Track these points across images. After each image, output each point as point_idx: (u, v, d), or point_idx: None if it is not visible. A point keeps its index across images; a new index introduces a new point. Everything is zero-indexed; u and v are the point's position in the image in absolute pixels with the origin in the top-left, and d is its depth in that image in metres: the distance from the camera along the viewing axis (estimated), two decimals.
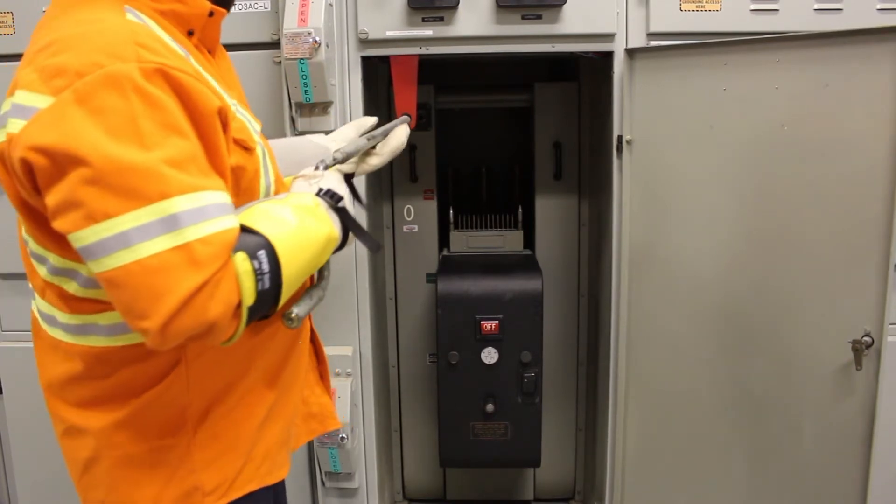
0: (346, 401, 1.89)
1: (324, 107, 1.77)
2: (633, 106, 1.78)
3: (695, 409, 1.78)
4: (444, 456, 2.08)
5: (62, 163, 0.81)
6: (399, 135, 1.31)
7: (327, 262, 1.05)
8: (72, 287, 0.95)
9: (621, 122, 1.80)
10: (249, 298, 0.85)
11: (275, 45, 1.76)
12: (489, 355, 1.98)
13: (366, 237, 1.10)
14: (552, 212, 2.29)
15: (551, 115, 2.24)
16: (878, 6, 1.72)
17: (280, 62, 1.73)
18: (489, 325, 1.96)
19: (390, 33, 1.78)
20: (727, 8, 1.73)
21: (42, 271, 0.97)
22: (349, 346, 1.93)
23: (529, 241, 2.27)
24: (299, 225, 0.94)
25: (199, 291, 0.81)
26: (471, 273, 2.02)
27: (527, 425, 2.02)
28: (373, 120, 1.38)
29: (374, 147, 1.32)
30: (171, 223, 0.81)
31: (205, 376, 1.00)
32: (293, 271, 0.91)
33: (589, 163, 2.25)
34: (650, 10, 1.75)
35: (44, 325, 1.05)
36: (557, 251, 2.30)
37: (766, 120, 1.58)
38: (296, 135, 1.74)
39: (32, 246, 0.97)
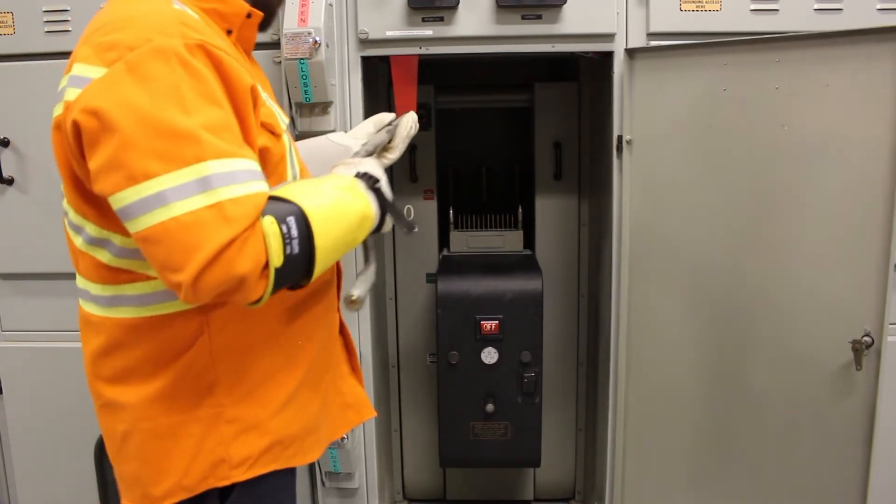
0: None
1: (324, 107, 1.77)
2: (633, 106, 1.78)
3: (695, 410, 1.78)
4: (444, 456, 2.08)
5: (109, 124, 0.88)
6: (405, 122, 1.30)
7: (375, 247, 1.15)
8: (105, 257, 1.00)
9: (621, 122, 1.80)
10: (277, 260, 0.90)
11: (275, 45, 1.76)
12: (489, 355, 1.98)
13: (401, 218, 1.15)
14: (552, 212, 2.28)
15: (551, 115, 2.24)
16: (878, 6, 1.72)
17: (280, 62, 1.73)
18: (489, 325, 1.96)
19: (390, 33, 1.78)
20: (727, 8, 1.73)
21: (78, 241, 1.02)
22: None
23: (529, 241, 2.27)
24: (334, 199, 0.99)
25: (228, 246, 0.87)
26: (471, 273, 2.02)
27: (527, 425, 2.02)
28: (390, 115, 1.40)
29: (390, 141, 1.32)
30: (205, 184, 0.87)
31: (228, 350, 1.04)
32: (327, 242, 0.96)
33: (589, 163, 2.25)
34: (650, 10, 1.75)
35: (80, 301, 1.09)
36: (557, 251, 2.30)
37: (766, 120, 1.58)
38: (296, 135, 1.74)
39: (71, 216, 1.02)
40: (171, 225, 0.87)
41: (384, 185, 1.11)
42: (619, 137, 1.81)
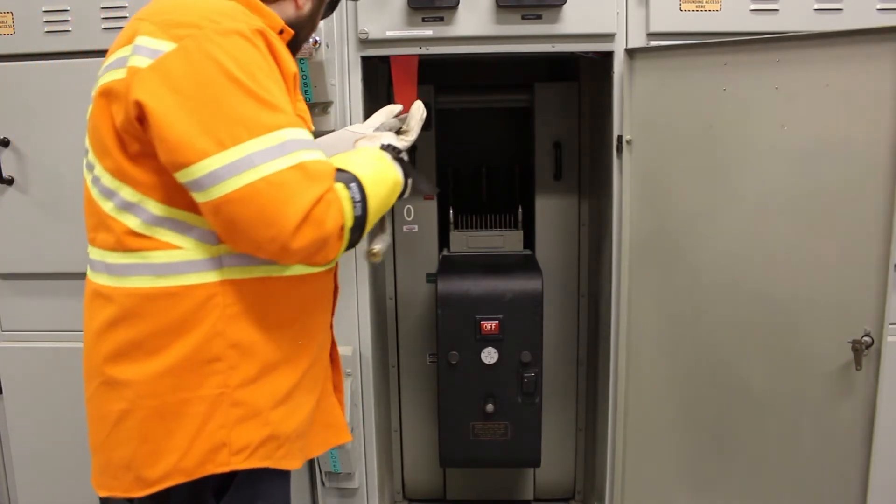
0: (347, 401, 1.89)
1: (324, 107, 1.77)
2: (633, 106, 1.78)
3: (695, 409, 1.78)
4: (444, 456, 2.08)
5: (190, 96, 0.95)
6: (417, 107, 1.35)
7: (390, 213, 1.22)
8: (134, 222, 1.03)
9: (621, 122, 1.80)
10: (349, 221, 1.01)
11: None
12: (489, 355, 1.98)
13: (423, 182, 1.25)
14: (552, 212, 2.29)
15: (551, 115, 2.24)
16: (878, 6, 1.72)
17: None
18: (489, 325, 1.96)
19: (390, 33, 1.78)
20: (727, 8, 1.73)
21: (108, 206, 1.04)
22: (349, 346, 1.93)
23: (529, 241, 2.27)
24: (375, 168, 1.10)
25: (317, 204, 0.96)
26: (471, 273, 2.02)
27: (527, 425, 2.02)
28: (398, 106, 1.45)
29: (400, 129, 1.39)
30: (285, 148, 0.97)
31: (237, 329, 1.05)
32: (376, 204, 1.07)
33: (589, 163, 2.25)
34: (650, 10, 1.75)
35: (90, 274, 1.10)
36: (557, 251, 2.30)
37: (766, 120, 1.58)
38: None
39: (106, 181, 1.04)
40: (260, 185, 0.94)
41: (405, 154, 1.22)
42: (619, 137, 1.81)
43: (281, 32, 1.14)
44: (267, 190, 0.95)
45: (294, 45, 1.21)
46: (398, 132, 1.33)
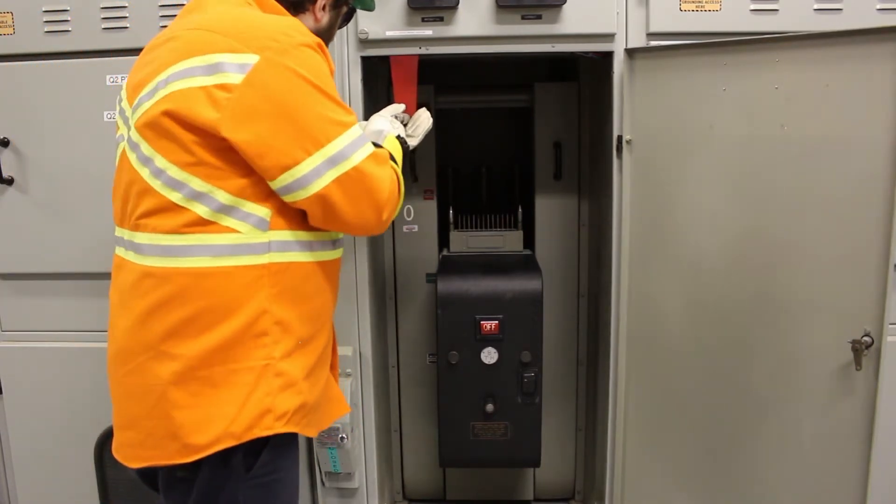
0: (346, 401, 1.89)
1: None
2: (633, 106, 1.78)
3: (695, 409, 1.78)
4: (444, 456, 2.08)
5: (287, 105, 1.11)
6: (424, 120, 1.59)
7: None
8: (201, 210, 1.13)
9: (621, 122, 1.80)
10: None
11: None
12: (489, 355, 1.98)
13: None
14: (552, 212, 2.28)
15: (551, 115, 2.24)
16: (878, 6, 1.72)
17: None
18: (489, 325, 1.96)
19: (390, 33, 1.78)
20: (727, 8, 1.73)
21: (174, 196, 1.13)
22: (349, 346, 1.93)
23: (529, 241, 2.27)
24: (398, 152, 1.40)
25: (392, 183, 1.22)
26: (471, 273, 2.02)
27: (527, 425, 2.02)
28: (401, 106, 1.60)
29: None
30: (361, 140, 1.18)
31: (280, 306, 1.17)
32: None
33: (589, 163, 2.25)
34: (650, 10, 1.75)
35: (134, 259, 1.18)
36: (557, 251, 2.30)
37: (766, 120, 1.58)
38: None
39: (173, 172, 1.13)
40: (353, 173, 1.16)
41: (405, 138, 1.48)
42: (619, 137, 1.81)
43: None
44: (359, 176, 1.16)
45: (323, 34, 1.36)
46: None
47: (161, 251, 1.14)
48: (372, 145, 1.20)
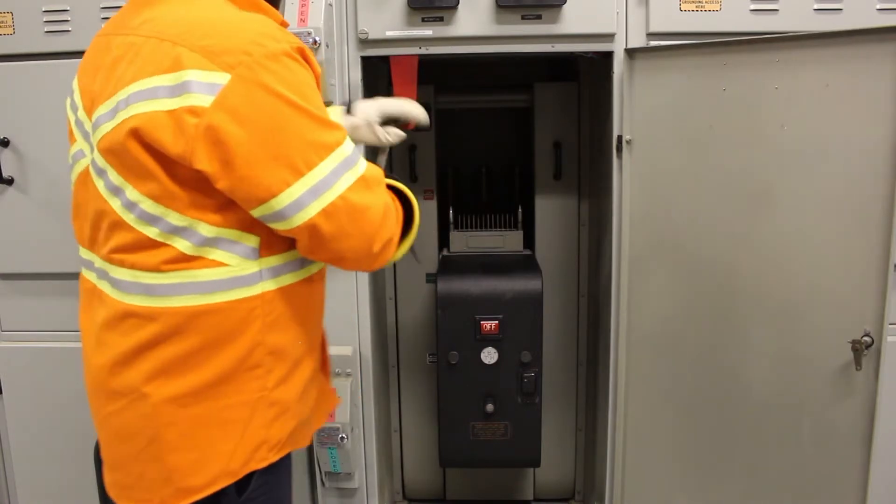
0: (346, 401, 1.89)
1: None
2: (633, 106, 1.78)
3: (695, 409, 1.78)
4: (444, 456, 2.08)
5: (261, 130, 0.97)
6: (395, 138, 1.37)
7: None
8: (183, 245, 1.02)
9: (621, 122, 1.80)
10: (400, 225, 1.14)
11: None
12: (489, 355, 1.98)
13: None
14: (552, 212, 2.28)
15: (551, 115, 2.24)
16: (878, 6, 1.72)
17: None
18: (489, 325, 1.96)
19: (390, 33, 1.78)
20: (727, 8, 1.73)
21: (151, 232, 1.02)
22: (349, 346, 1.93)
23: (529, 241, 2.27)
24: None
25: (386, 212, 1.07)
26: (471, 273, 2.02)
27: (527, 425, 2.02)
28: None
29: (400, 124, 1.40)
30: (349, 162, 1.03)
31: (273, 334, 1.09)
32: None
33: (589, 163, 2.25)
34: (650, 10, 1.75)
35: (112, 293, 1.07)
36: (557, 251, 2.30)
37: (766, 120, 1.58)
38: None
39: (146, 206, 1.01)
40: (339, 203, 1.02)
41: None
42: (619, 137, 1.81)
43: (327, 46, 1.24)
44: (345, 206, 1.02)
45: (274, 4, 1.21)
46: (399, 125, 1.36)
47: (144, 290, 1.04)
48: (360, 166, 1.05)
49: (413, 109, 1.35)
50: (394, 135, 1.34)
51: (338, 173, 1.02)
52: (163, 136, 0.97)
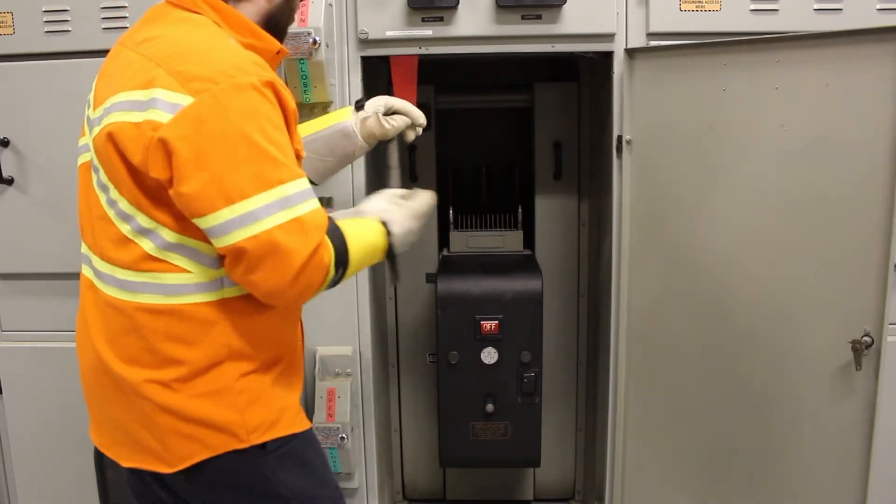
0: (346, 401, 1.89)
1: (324, 107, 1.77)
2: (633, 106, 1.78)
3: (695, 409, 1.78)
4: (444, 456, 2.08)
5: (203, 153, 1.02)
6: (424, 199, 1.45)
7: (396, 259, 1.36)
8: (148, 246, 1.11)
9: (621, 122, 1.80)
10: (331, 273, 1.13)
11: None
12: (489, 355, 1.98)
13: (394, 270, 1.41)
14: (552, 212, 2.28)
15: (551, 115, 2.24)
16: (878, 6, 1.72)
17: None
18: (489, 325, 1.96)
19: (390, 33, 1.78)
20: (727, 8, 1.73)
21: (125, 228, 1.12)
22: (349, 346, 1.93)
23: (529, 241, 2.27)
24: (367, 241, 1.25)
25: (312, 255, 1.07)
26: (471, 273, 2.02)
27: (527, 425, 2.02)
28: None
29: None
30: (287, 203, 1.06)
31: (234, 339, 1.15)
32: (356, 262, 1.20)
33: (589, 163, 2.25)
34: (650, 10, 1.75)
35: (99, 285, 1.18)
36: (557, 251, 2.30)
37: (766, 120, 1.58)
38: None
39: (123, 206, 1.11)
40: (263, 238, 1.04)
41: (396, 234, 1.32)
42: (619, 137, 1.81)
43: (278, 53, 1.25)
44: (268, 243, 1.04)
45: (278, 32, 1.26)
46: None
47: (117, 283, 1.14)
48: (301, 209, 1.07)
49: (415, 112, 1.53)
50: (397, 121, 1.50)
51: (270, 210, 1.04)
52: (128, 145, 1.06)
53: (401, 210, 1.34)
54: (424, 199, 1.40)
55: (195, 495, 1.22)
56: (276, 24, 1.26)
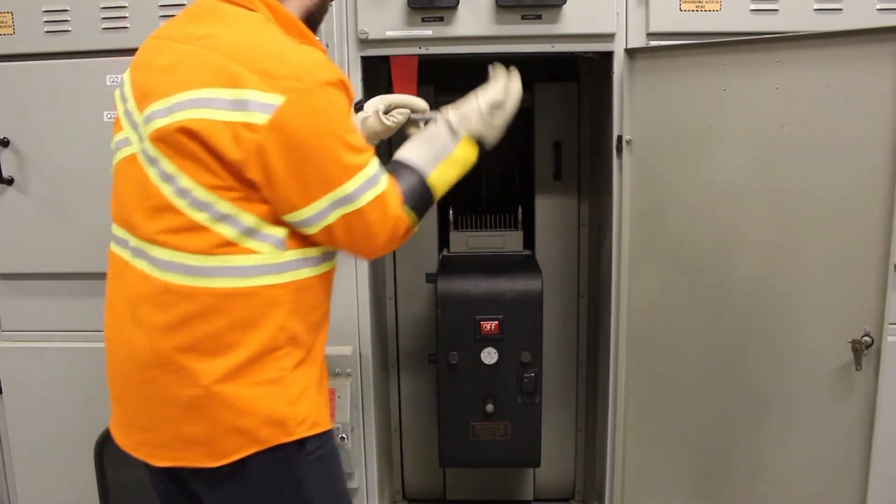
0: (346, 401, 1.89)
1: None
2: (633, 106, 1.78)
3: (695, 410, 1.78)
4: (444, 456, 2.08)
5: (304, 148, 1.12)
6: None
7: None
8: (227, 232, 1.15)
9: (621, 122, 1.80)
10: (414, 224, 1.27)
11: None
12: (489, 355, 1.98)
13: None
14: (552, 212, 2.28)
15: (551, 115, 2.24)
16: (878, 6, 1.72)
17: None
18: (489, 325, 1.96)
19: (390, 33, 1.78)
20: (727, 8, 1.73)
21: (200, 216, 1.14)
22: (349, 346, 1.93)
23: (529, 242, 2.27)
24: (448, 169, 1.33)
25: (396, 224, 1.21)
26: (471, 273, 2.02)
27: (527, 425, 2.02)
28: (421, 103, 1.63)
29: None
30: (372, 182, 1.17)
31: (292, 322, 1.20)
32: (440, 190, 1.31)
33: (589, 163, 2.25)
34: (650, 10, 1.75)
35: (150, 271, 1.18)
36: (557, 251, 2.30)
37: (766, 120, 1.58)
38: None
39: (198, 194, 1.14)
40: (356, 215, 1.16)
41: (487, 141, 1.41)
42: (619, 137, 1.81)
43: (327, 46, 1.37)
44: (360, 219, 1.17)
45: (313, 29, 1.31)
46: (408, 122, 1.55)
47: (185, 269, 1.15)
48: (382, 183, 1.19)
49: (414, 100, 1.54)
50: (398, 116, 1.53)
51: (362, 190, 1.16)
52: (221, 143, 1.10)
53: (477, 113, 1.42)
54: (493, 88, 1.48)
55: (220, 494, 1.22)
56: (314, 21, 1.32)
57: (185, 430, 1.18)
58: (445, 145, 1.33)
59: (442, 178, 1.31)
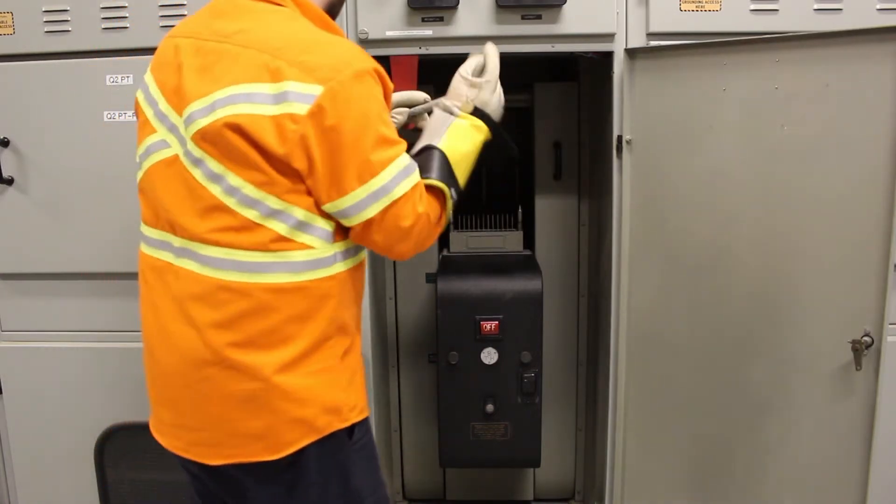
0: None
1: None
2: (633, 106, 1.78)
3: (695, 410, 1.78)
4: (444, 456, 2.08)
5: (339, 142, 1.13)
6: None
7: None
8: (279, 227, 1.16)
9: (621, 122, 1.80)
10: (449, 212, 1.31)
11: None
12: (489, 355, 1.98)
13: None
14: (552, 212, 2.28)
15: (551, 115, 2.24)
16: (878, 6, 1.72)
17: None
18: (489, 325, 1.96)
19: (390, 33, 1.78)
20: (727, 8, 1.73)
21: (251, 214, 1.16)
22: None
23: (529, 242, 2.27)
24: (468, 150, 1.38)
25: (427, 215, 1.23)
26: (471, 273, 2.02)
27: (527, 425, 2.02)
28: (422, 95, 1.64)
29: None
30: (408, 171, 1.20)
31: (341, 312, 1.24)
32: (463, 176, 1.35)
33: (589, 163, 2.25)
34: (650, 10, 1.75)
35: (199, 270, 1.19)
36: (557, 251, 2.30)
37: (766, 120, 1.58)
38: None
39: (248, 191, 1.15)
40: (391, 207, 1.18)
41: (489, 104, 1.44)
42: (619, 137, 1.81)
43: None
44: (394, 209, 1.19)
45: (334, 18, 1.34)
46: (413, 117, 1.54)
47: (238, 266, 1.17)
48: (416, 174, 1.21)
49: (413, 94, 1.53)
50: (396, 115, 1.51)
51: (397, 180, 1.18)
52: (266, 137, 1.12)
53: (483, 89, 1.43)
54: (468, 59, 1.47)
55: (273, 487, 1.23)
56: (334, 13, 1.35)
57: (242, 425, 1.19)
58: (445, 121, 1.36)
59: (453, 147, 1.32)
